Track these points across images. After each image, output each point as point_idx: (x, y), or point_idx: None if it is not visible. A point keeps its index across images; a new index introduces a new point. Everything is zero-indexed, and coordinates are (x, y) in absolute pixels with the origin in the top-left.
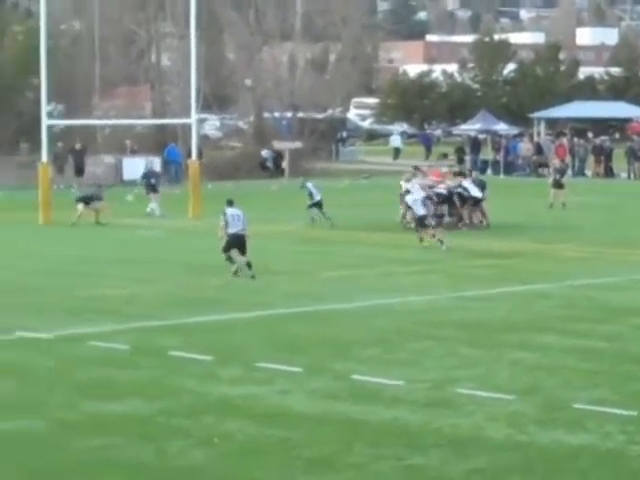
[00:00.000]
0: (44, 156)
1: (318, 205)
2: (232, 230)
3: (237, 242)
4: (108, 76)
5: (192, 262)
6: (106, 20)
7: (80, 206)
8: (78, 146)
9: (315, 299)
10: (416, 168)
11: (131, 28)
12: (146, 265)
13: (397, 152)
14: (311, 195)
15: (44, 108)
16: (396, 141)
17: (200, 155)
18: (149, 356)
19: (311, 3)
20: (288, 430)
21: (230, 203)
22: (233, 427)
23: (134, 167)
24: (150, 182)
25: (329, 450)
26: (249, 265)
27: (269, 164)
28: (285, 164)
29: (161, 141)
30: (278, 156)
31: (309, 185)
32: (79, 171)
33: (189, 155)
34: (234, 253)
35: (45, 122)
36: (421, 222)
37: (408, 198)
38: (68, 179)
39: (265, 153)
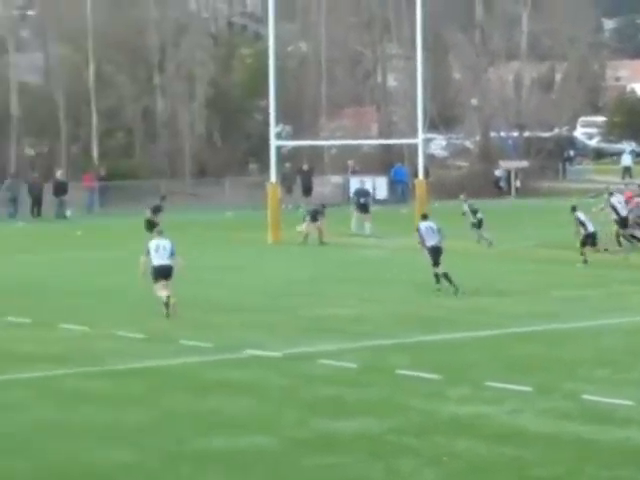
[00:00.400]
0: (273, 176)
1: (479, 224)
2: (429, 243)
3: (434, 254)
4: (335, 97)
5: (417, 280)
6: (332, 41)
7: (305, 224)
8: (306, 166)
9: (544, 319)
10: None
11: (357, 49)
12: (371, 284)
13: (627, 171)
14: (475, 213)
15: (273, 129)
16: (627, 160)
17: (427, 174)
18: (377, 374)
19: (537, 23)
20: (519, 449)
21: (425, 217)
22: (463, 446)
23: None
24: (359, 201)
25: (561, 470)
26: (447, 277)
27: (502, 183)
28: (517, 183)
29: (387, 161)
30: (509, 175)
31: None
32: (307, 191)
33: (415, 175)
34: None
35: (274, 143)
36: (589, 239)
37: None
38: (296, 199)
39: (498, 172)
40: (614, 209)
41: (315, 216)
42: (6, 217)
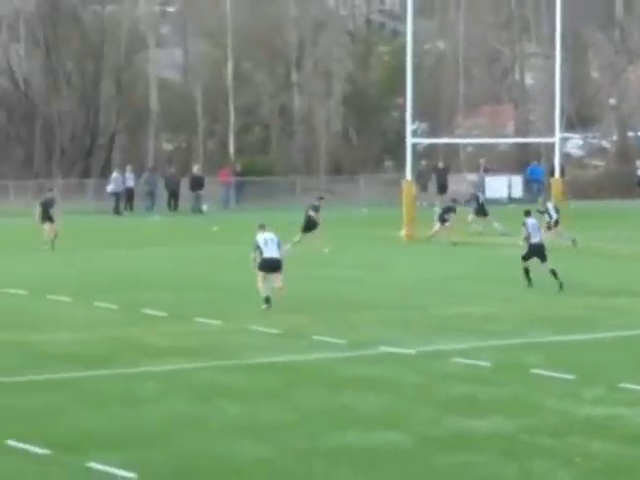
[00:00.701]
0: (408, 174)
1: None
2: (533, 240)
3: (538, 251)
4: (472, 95)
5: (551, 279)
6: (470, 40)
7: (437, 225)
8: (441, 164)
9: None
10: None
11: (495, 47)
12: (504, 283)
13: None
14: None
15: (409, 127)
16: None
17: (562, 174)
18: (511, 373)
19: None
20: None
21: (528, 213)
22: (597, 447)
23: (496, 185)
24: (478, 203)
25: None
26: (554, 274)
27: None
28: None
29: (522, 160)
30: None
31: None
32: (442, 189)
33: (552, 173)
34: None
35: (410, 140)
36: None
37: None
38: (431, 197)
39: None
40: None
41: (444, 216)
42: (143, 210)
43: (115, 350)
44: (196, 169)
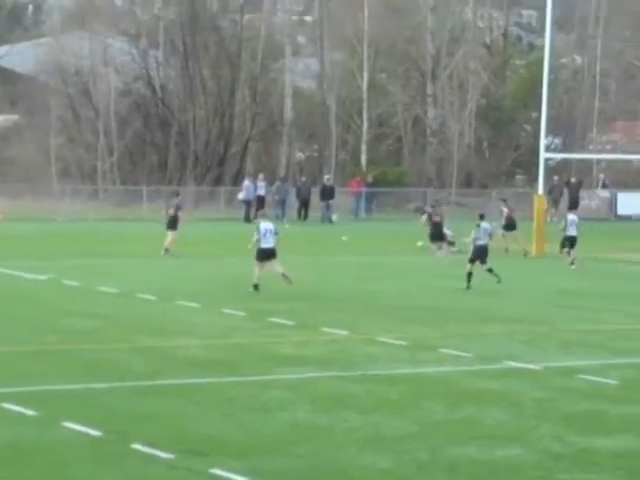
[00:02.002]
0: (540, 188)
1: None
2: (479, 242)
3: (480, 253)
4: (606, 110)
5: None
6: (607, 55)
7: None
8: (574, 179)
9: None
10: None
11: (633, 63)
12: (635, 299)
13: None
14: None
15: (542, 141)
16: None
17: None
18: (639, 392)
19: None
20: None
21: (482, 217)
22: None
23: (630, 202)
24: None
25: None
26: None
27: None
28: None
29: None
30: None
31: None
32: (573, 204)
33: None
34: None
35: (543, 155)
36: None
37: None
38: (562, 212)
39: None
40: None
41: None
42: (274, 219)
43: (243, 357)
44: (327, 179)
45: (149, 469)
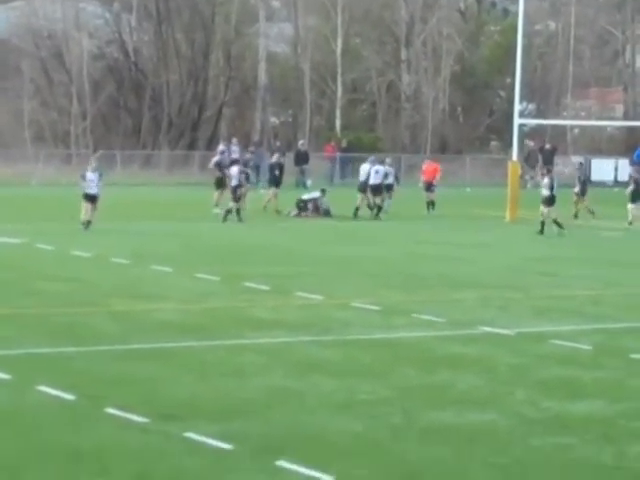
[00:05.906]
0: (514, 154)
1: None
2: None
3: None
4: (580, 77)
5: None
6: (581, 21)
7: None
8: (548, 146)
9: None
10: None
11: (606, 29)
12: (611, 266)
13: None
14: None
15: (516, 107)
16: None
17: None
18: (611, 357)
19: None
20: None
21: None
22: None
23: (603, 168)
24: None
25: None
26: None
27: None
28: None
29: (630, 143)
30: None
31: None
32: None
33: None
34: None
35: (517, 121)
36: None
37: None
38: (536, 178)
39: None
40: None
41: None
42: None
43: (217, 321)
44: (301, 144)
45: (123, 433)
